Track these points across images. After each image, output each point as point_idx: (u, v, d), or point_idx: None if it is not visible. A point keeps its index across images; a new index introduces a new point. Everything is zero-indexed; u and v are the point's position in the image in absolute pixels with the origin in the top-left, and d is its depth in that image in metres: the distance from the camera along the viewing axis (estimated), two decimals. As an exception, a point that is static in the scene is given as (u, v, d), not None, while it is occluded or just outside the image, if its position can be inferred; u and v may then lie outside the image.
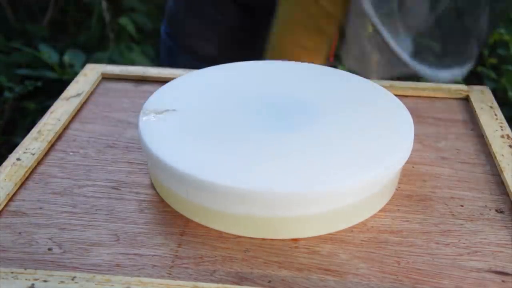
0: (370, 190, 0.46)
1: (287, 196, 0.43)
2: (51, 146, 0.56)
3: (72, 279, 0.40)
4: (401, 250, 0.44)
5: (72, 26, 1.80)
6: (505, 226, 0.46)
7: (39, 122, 0.58)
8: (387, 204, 0.49)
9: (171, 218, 0.47)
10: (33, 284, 0.39)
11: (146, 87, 0.67)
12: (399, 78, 0.70)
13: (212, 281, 0.41)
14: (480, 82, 1.64)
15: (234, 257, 0.43)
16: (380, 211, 0.48)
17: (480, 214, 0.48)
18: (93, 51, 1.53)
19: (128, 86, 0.67)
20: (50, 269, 0.41)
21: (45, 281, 0.40)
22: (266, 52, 0.88)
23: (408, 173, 0.53)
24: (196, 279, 0.41)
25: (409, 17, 0.78)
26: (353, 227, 0.46)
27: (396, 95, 0.57)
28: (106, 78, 0.68)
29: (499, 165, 0.53)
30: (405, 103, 0.55)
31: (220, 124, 0.50)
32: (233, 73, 0.60)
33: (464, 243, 0.45)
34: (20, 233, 0.45)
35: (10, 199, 0.48)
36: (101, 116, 0.61)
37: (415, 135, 0.51)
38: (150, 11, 1.74)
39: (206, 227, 0.46)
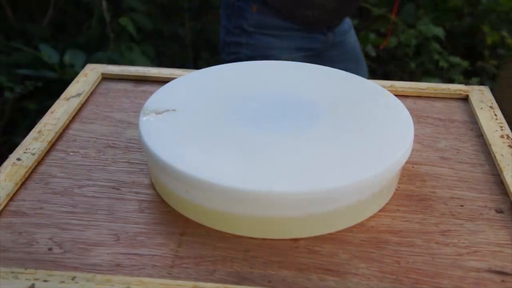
0: (370, 190, 0.46)
1: (287, 196, 0.43)
2: (52, 146, 0.56)
3: (72, 279, 0.40)
4: (401, 250, 0.44)
5: (72, 26, 1.79)
6: (504, 226, 0.46)
7: (39, 122, 0.58)
8: (387, 204, 0.49)
9: (171, 218, 0.47)
10: (33, 284, 0.39)
11: (146, 87, 0.67)
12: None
13: (212, 281, 0.41)
14: (480, 82, 1.64)
15: (234, 257, 0.43)
16: (380, 211, 0.48)
17: (480, 214, 0.48)
18: (93, 51, 1.53)
19: (128, 86, 0.67)
20: (51, 269, 0.41)
21: (45, 281, 0.40)
22: None
23: (408, 173, 0.53)
24: (196, 279, 0.41)
25: None
26: (353, 227, 0.46)
27: (396, 95, 0.57)
28: (106, 78, 0.68)
29: (498, 165, 0.53)
30: (405, 103, 0.55)
31: (220, 124, 0.51)
32: (233, 73, 0.60)
33: (464, 243, 0.45)
34: (20, 233, 0.45)
35: (11, 199, 0.48)
36: (101, 116, 0.61)
37: (415, 135, 0.51)
38: (150, 11, 1.74)
39: (206, 227, 0.46)
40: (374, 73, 1.76)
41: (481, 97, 0.64)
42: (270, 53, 1.00)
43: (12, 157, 0.53)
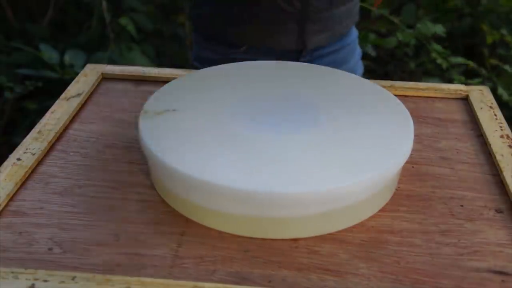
0: (370, 190, 0.46)
1: (287, 196, 0.43)
2: (52, 146, 0.56)
3: (72, 279, 0.40)
4: (401, 250, 0.44)
5: (72, 26, 1.79)
6: (504, 226, 0.46)
7: (39, 122, 0.58)
8: (387, 204, 0.49)
9: (171, 218, 0.47)
10: (33, 284, 0.40)
11: (146, 87, 0.67)
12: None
13: (212, 281, 0.41)
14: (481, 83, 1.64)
15: (234, 257, 0.43)
16: (380, 211, 0.48)
17: (480, 214, 0.48)
18: (93, 51, 1.53)
19: (128, 86, 0.67)
20: (51, 269, 0.41)
21: (45, 281, 0.40)
22: None
23: (408, 173, 0.53)
24: (196, 279, 0.41)
25: None
26: (353, 227, 0.46)
27: (396, 95, 0.57)
28: (106, 78, 0.68)
29: (498, 165, 0.53)
30: (405, 103, 0.55)
31: (220, 124, 0.51)
32: (233, 73, 0.60)
33: (464, 243, 0.45)
34: (20, 233, 0.45)
35: (11, 199, 0.48)
36: (101, 116, 0.61)
37: (415, 135, 0.51)
38: (150, 11, 1.74)
39: (206, 227, 0.46)
40: (374, 73, 1.76)
41: (481, 97, 0.64)
42: None
43: (12, 157, 0.53)
